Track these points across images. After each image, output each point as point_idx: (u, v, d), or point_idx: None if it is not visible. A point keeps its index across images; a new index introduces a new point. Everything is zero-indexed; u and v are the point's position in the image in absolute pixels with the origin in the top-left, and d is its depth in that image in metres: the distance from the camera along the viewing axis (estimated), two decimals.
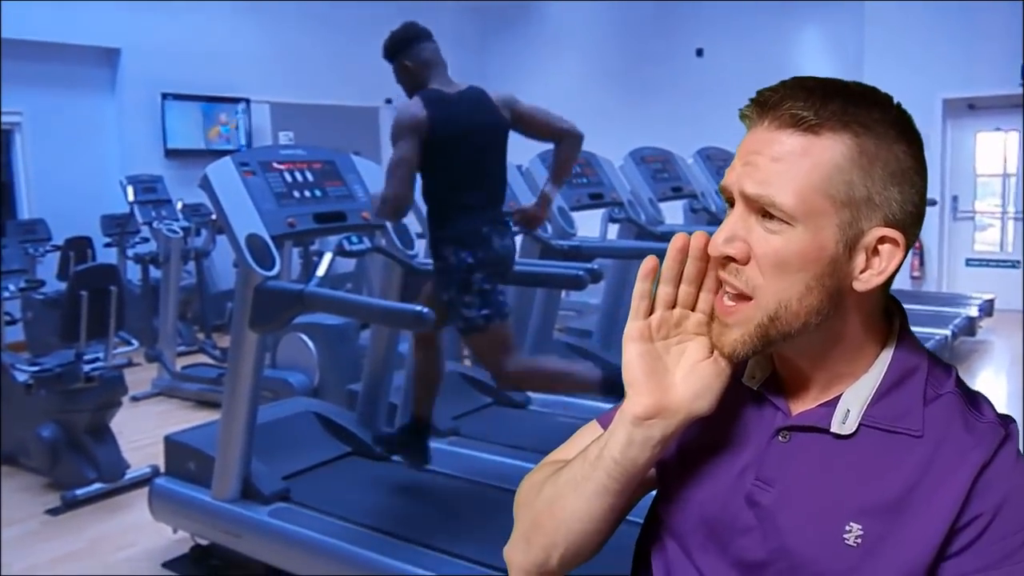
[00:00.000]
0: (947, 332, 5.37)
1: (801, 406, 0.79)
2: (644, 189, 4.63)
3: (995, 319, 6.49)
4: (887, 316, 0.79)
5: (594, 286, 4.46)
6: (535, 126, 2.75)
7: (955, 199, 7.80)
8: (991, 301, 6.43)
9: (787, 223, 0.71)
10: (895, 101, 0.74)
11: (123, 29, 7.18)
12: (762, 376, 0.82)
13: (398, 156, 2.51)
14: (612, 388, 2.61)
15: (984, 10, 7.04)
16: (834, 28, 8.07)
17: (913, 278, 7.66)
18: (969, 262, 7.84)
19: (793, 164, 0.71)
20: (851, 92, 0.73)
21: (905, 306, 0.82)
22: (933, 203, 7.04)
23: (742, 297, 0.74)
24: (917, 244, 7.52)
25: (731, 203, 0.76)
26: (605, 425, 0.88)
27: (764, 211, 0.72)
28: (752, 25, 8.24)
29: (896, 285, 0.80)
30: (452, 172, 2.57)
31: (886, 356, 0.77)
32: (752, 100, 0.75)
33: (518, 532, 0.87)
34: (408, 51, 2.64)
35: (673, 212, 5.04)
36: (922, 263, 7.71)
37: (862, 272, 0.73)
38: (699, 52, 9.05)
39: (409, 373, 3.48)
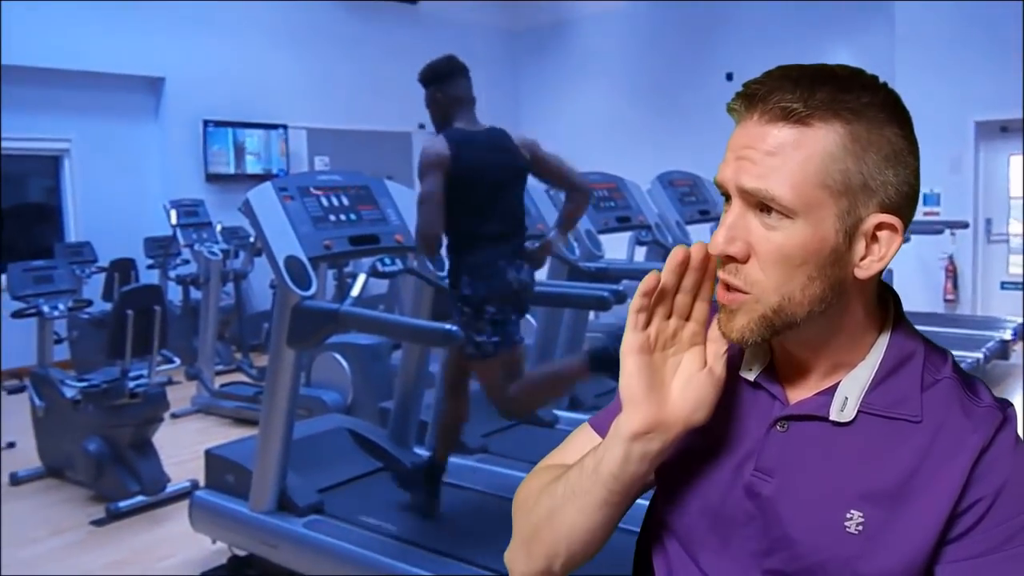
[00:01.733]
0: (979, 355, 5.32)
1: (799, 395, 0.79)
2: (671, 212, 4.69)
3: None
4: (882, 303, 0.79)
5: (622, 308, 4.53)
6: (551, 173, 2.89)
7: (988, 222, 7.73)
8: None
9: (787, 216, 0.71)
10: (881, 81, 0.74)
11: (167, 59, 7.46)
12: (759, 367, 0.82)
13: (425, 193, 2.61)
14: (599, 364, 2.69)
15: (1015, 33, 7.02)
16: (864, 52, 8.09)
17: (947, 301, 7.60)
18: (1004, 285, 7.74)
19: (787, 157, 0.70)
20: (838, 78, 0.72)
21: (938, 329, 0.81)
22: (965, 225, 6.99)
23: (741, 291, 0.74)
24: (950, 267, 7.51)
25: (727, 197, 0.75)
26: (597, 427, 0.91)
27: (762, 205, 0.72)
28: (782, 50, 8.29)
29: (930, 307, 0.82)
30: (471, 207, 2.66)
31: (883, 342, 0.77)
32: (739, 94, 0.74)
33: (517, 540, 0.87)
34: (443, 84, 2.74)
35: (701, 235, 5.09)
36: (956, 286, 7.63)
37: (862, 259, 0.72)
38: (729, 76, 9.10)
39: (439, 396, 3.57)
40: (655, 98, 9.56)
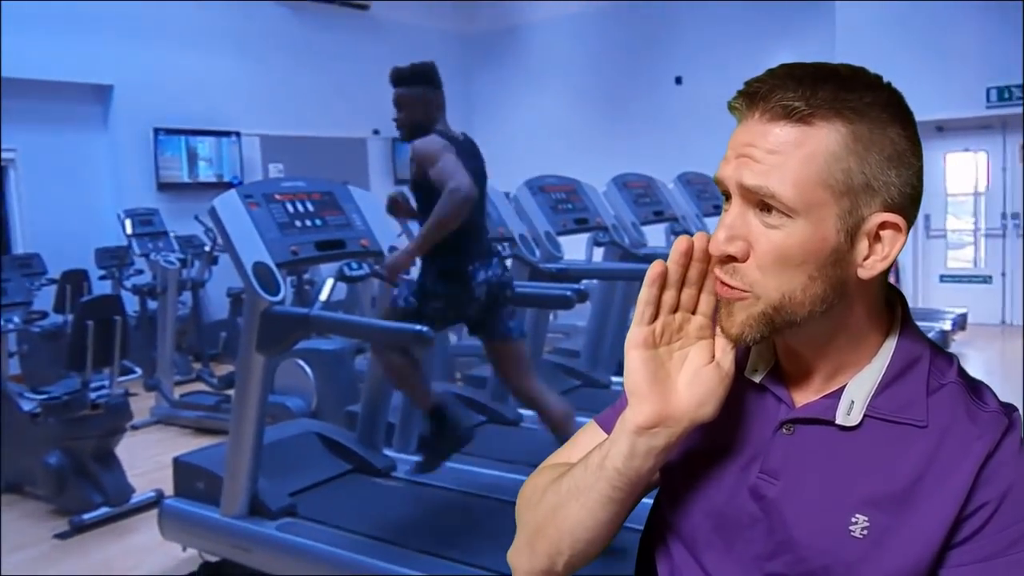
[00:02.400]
0: None
1: (804, 398, 0.78)
2: (627, 213, 4.80)
3: (969, 332, 6.69)
4: (888, 305, 0.79)
5: (582, 308, 4.63)
6: None
7: (927, 218, 8.06)
8: (964, 315, 6.63)
9: (787, 215, 0.70)
10: (885, 81, 0.73)
11: (115, 66, 7.36)
12: (764, 369, 0.81)
13: (450, 161, 2.66)
14: None
15: (950, 35, 7.34)
16: (806, 55, 8.31)
17: None
18: (943, 278, 8.09)
19: (789, 155, 0.69)
20: (841, 77, 0.71)
21: None
22: None
23: (740, 290, 0.74)
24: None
25: (727, 196, 0.74)
26: (603, 425, 0.89)
27: (763, 203, 0.71)
28: (728, 54, 8.53)
29: None
30: None
31: (890, 345, 0.76)
32: (740, 92, 0.73)
33: (521, 538, 0.85)
34: (428, 88, 2.84)
35: (656, 235, 5.22)
36: (898, 280, 7.94)
37: (865, 259, 0.72)
38: (678, 80, 9.33)
39: (407, 399, 3.62)
40: (607, 102, 9.73)
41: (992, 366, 6.03)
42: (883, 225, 0.71)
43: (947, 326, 6.23)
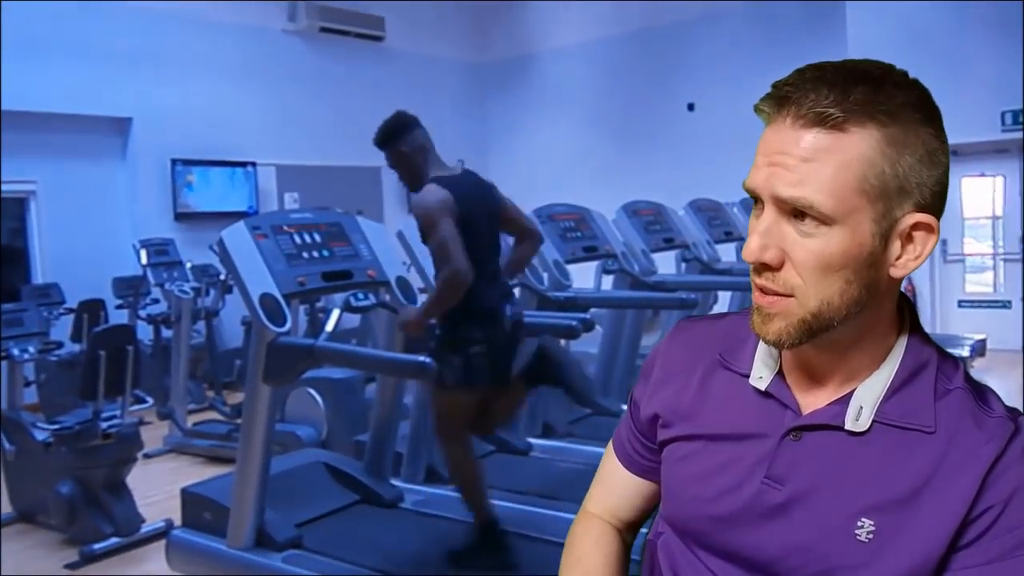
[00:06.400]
0: None
1: (812, 404, 0.79)
2: (637, 241, 4.80)
3: (988, 359, 6.57)
4: (897, 309, 0.79)
5: (593, 337, 4.60)
6: (507, 219, 2.94)
7: (944, 243, 7.98)
8: (983, 341, 6.50)
9: (824, 223, 0.70)
10: (912, 78, 0.73)
11: (134, 99, 7.50)
12: (769, 376, 0.82)
13: (446, 234, 2.62)
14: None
15: (963, 59, 7.31)
16: None
17: None
18: (961, 303, 7.99)
19: (824, 163, 0.69)
20: (872, 78, 0.70)
21: None
22: None
23: (782, 295, 0.74)
24: (909, 287, 7.72)
25: (756, 201, 0.74)
26: (617, 447, 0.96)
27: (797, 211, 0.71)
28: (741, 80, 8.53)
29: None
30: (467, 250, 2.70)
31: (899, 349, 0.77)
32: (768, 95, 0.73)
33: None
34: (404, 138, 2.81)
35: (666, 263, 5.21)
36: (915, 305, 7.84)
37: (898, 259, 0.72)
38: (691, 107, 9.35)
39: (415, 429, 3.61)
40: (620, 129, 9.76)
41: (1012, 394, 5.92)
42: (916, 226, 0.72)
43: (965, 352, 6.11)
